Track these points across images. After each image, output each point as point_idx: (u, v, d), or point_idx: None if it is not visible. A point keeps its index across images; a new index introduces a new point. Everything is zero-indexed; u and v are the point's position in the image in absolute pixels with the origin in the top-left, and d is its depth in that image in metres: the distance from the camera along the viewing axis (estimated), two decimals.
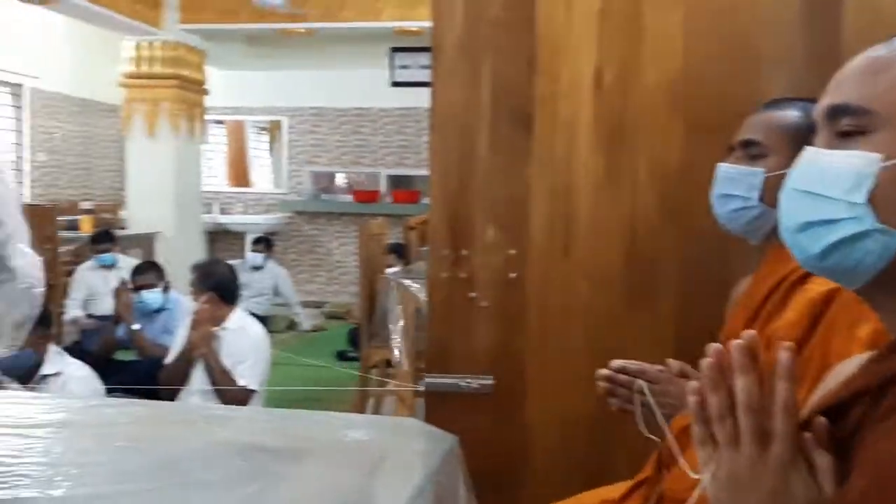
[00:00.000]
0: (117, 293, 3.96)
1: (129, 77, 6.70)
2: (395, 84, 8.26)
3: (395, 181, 8.49)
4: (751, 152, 1.17)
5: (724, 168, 1.19)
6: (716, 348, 0.63)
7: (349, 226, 8.44)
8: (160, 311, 4.13)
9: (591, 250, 1.61)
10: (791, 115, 1.15)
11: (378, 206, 8.26)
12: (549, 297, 1.63)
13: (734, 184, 1.17)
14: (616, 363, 1.18)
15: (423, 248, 4.02)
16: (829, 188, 0.62)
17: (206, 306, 3.02)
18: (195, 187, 7.26)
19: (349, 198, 8.40)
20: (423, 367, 3.67)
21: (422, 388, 3.57)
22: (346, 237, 8.49)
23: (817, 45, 1.52)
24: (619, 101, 1.61)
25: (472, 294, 1.63)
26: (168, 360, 3.09)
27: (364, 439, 0.97)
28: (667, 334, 1.59)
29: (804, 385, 0.87)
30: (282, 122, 8.58)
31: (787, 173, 0.68)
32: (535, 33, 1.63)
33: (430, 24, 5.59)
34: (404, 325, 3.32)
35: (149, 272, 4.15)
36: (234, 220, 8.39)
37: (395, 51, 8.14)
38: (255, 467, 0.87)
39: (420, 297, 3.33)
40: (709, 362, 0.62)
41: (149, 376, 3.27)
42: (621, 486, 1.23)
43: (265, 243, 6.63)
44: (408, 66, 8.25)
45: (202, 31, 6.78)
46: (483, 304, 1.62)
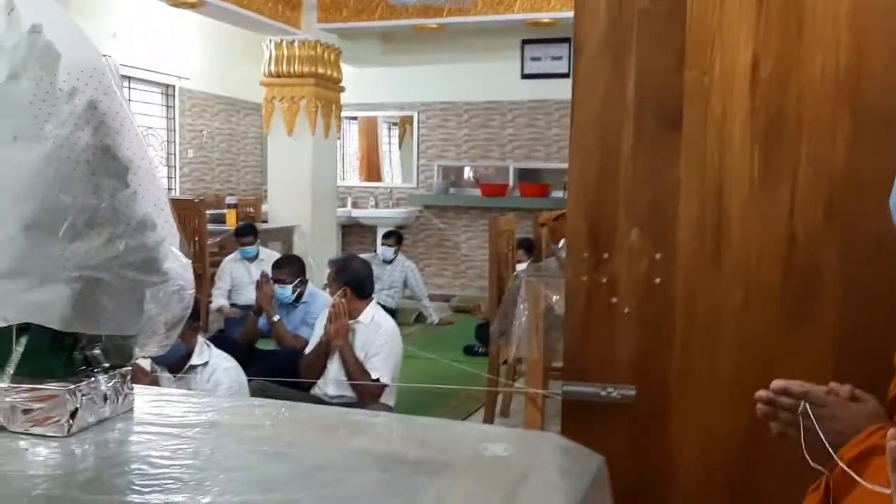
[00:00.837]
0: (259, 286, 4.14)
1: (269, 76, 6.98)
2: (525, 76, 8.19)
3: (524, 174, 8.42)
4: None
5: None
6: None
7: (477, 220, 8.46)
8: (298, 303, 4.28)
9: (745, 256, 1.50)
10: None
11: (506, 199, 8.23)
12: (697, 304, 1.53)
13: None
14: (778, 384, 1.08)
15: (554, 245, 3.95)
16: None
17: (342, 300, 3.09)
18: (331, 182, 7.49)
19: (477, 191, 8.41)
20: (553, 366, 3.60)
21: (552, 392, 3.50)
22: (473, 231, 8.52)
23: None
24: (777, 95, 1.48)
25: (614, 300, 1.55)
26: (306, 351, 3.20)
27: (504, 455, 0.92)
28: (826, 350, 1.46)
29: None
30: (412, 118, 8.70)
31: None
32: (685, 24, 1.53)
33: (562, 15, 5.45)
34: (534, 324, 3.27)
35: (288, 266, 4.30)
36: (366, 214, 8.60)
37: (525, 42, 8.06)
38: (394, 480, 0.85)
39: (551, 295, 3.27)
40: None
41: (288, 366, 3.40)
42: None
43: (395, 237, 6.75)
44: (539, 58, 8.16)
45: (339, 29, 6.97)
46: (625, 310, 1.55)
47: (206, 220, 5.84)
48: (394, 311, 6.25)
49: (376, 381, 2.97)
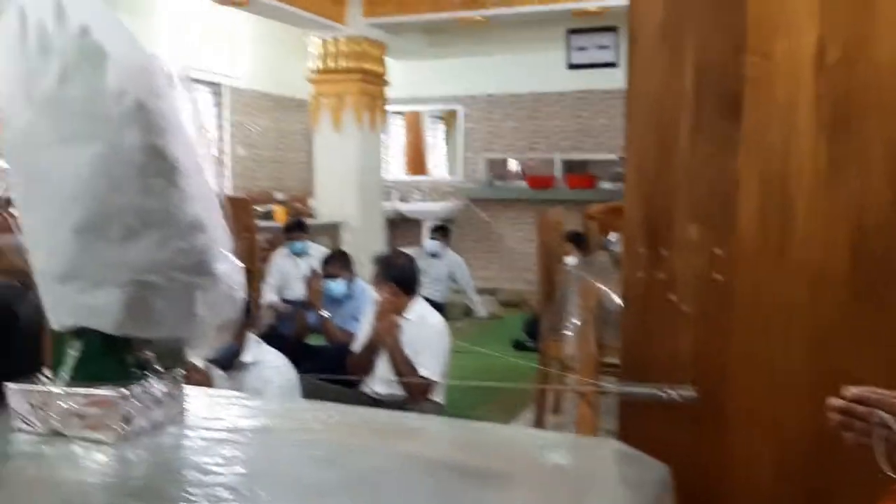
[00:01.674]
0: (308, 281, 4.15)
1: (315, 73, 7.01)
2: (571, 66, 8.08)
3: (570, 166, 8.32)
4: None
5: None
6: None
7: (523, 212, 8.39)
8: (347, 299, 4.29)
9: (811, 249, 1.43)
10: None
11: (553, 191, 8.14)
12: (761, 301, 1.47)
13: None
14: (852, 392, 1.02)
15: (605, 239, 3.87)
16: None
17: (389, 297, 3.08)
18: (377, 177, 7.50)
19: (523, 184, 8.34)
20: (605, 362, 3.53)
21: (607, 386, 3.43)
22: (520, 223, 8.45)
23: None
24: (845, 80, 1.41)
25: (672, 297, 1.50)
26: (355, 348, 3.19)
27: (564, 463, 0.89)
28: None
29: None
30: (457, 111, 8.66)
31: None
32: (746, 8, 1.46)
33: (610, 3, 5.32)
34: (585, 320, 3.21)
35: (337, 262, 4.30)
36: (412, 207, 8.59)
37: (571, 32, 7.95)
38: (448, 490, 0.81)
39: (602, 290, 3.20)
40: None
41: (337, 362, 3.39)
42: None
43: (442, 231, 6.72)
44: (585, 48, 8.04)
45: (384, 24, 6.96)
46: (684, 308, 1.49)
47: (255, 217, 5.89)
48: (441, 306, 6.22)
49: (425, 378, 2.94)
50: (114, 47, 0.90)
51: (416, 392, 2.97)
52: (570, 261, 4.46)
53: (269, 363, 2.62)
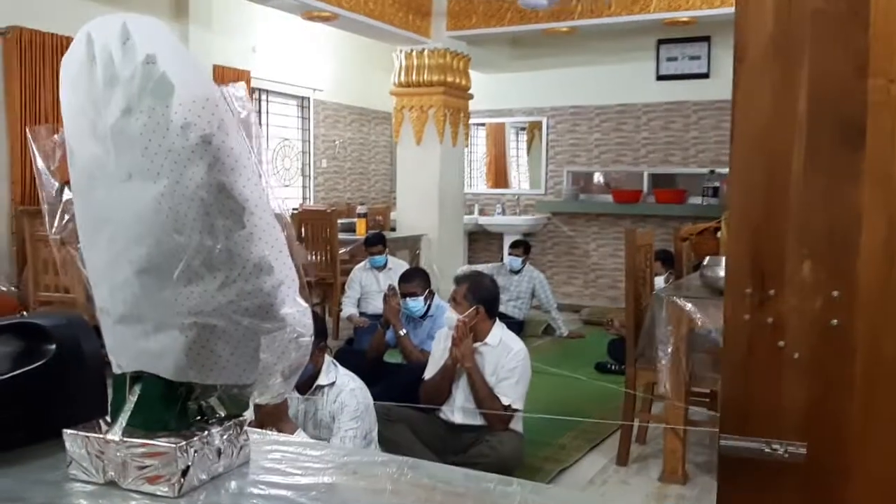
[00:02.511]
0: (386, 299, 4.11)
1: (399, 85, 7.02)
2: (660, 77, 7.85)
3: (659, 180, 8.07)
4: None
5: None
6: None
7: (608, 227, 8.18)
8: (425, 317, 4.22)
9: None
10: None
11: (640, 206, 7.91)
12: (883, 348, 1.31)
13: None
14: None
15: (699, 262, 3.68)
16: None
17: (465, 320, 2.99)
18: (458, 190, 7.45)
19: (609, 197, 8.13)
20: (694, 391, 3.35)
21: (699, 429, 3.25)
22: (604, 239, 8.24)
23: None
24: None
25: (781, 343, 1.35)
26: (427, 375, 3.10)
27: None
28: None
29: None
30: (541, 123, 8.53)
31: None
32: (869, 23, 1.31)
33: (701, 13, 5.13)
34: (676, 347, 3.04)
35: (415, 279, 4.25)
36: (493, 221, 8.50)
37: (661, 42, 7.73)
38: None
39: (695, 316, 3.03)
40: None
41: (415, 381, 3.33)
42: None
43: (523, 246, 6.60)
44: (675, 58, 7.80)
45: (468, 36, 6.92)
46: (794, 355, 1.34)
47: (337, 230, 5.93)
48: (521, 323, 6.10)
49: (507, 406, 2.84)
50: (180, 78, 0.85)
51: (496, 421, 2.87)
52: (660, 282, 4.28)
53: (344, 386, 2.58)
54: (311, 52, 7.81)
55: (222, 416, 0.99)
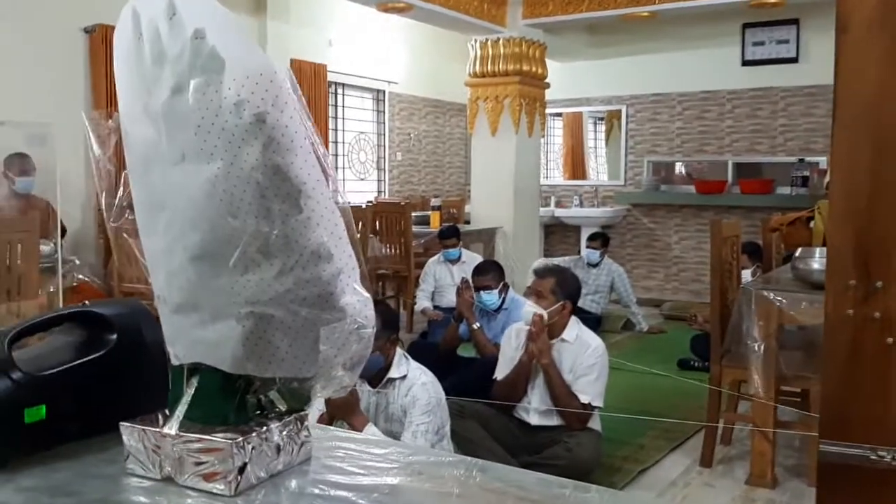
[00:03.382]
0: (459, 292, 4.05)
1: (474, 76, 6.94)
2: (746, 63, 7.53)
3: (744, 169, 7.75)
4: None
5: None
6: None
7: (691, 219, 7.91)
8: (500, 310, 4.15)
9: None
10: None
11: (724, 197, 7.62)
12: None
13: None
14: None
15: (788, 254, 3.48)
16: None
17: (544, 315, 2.89)
18: (534, 182, 7.33)
19: (691, 188, 7.85)
20: (784, 390, 3.17)
21: (790, 431, 3.07)
22: (687, 231, 7.97)
23: None
24: None
25: (889, 339, 1.23)
26: (499, 374, 3.01)
27: None
28: None
29: None
30: (621, 111, 8.31)
31: None
32: None
33: None
34: (765, 344, 2.88)
35: (489, 273, 4.18)
36: (570, 213, 8.34)
37: (747, 26, 7.42)
38: None
39: (786, 311, 2.86)
40: None
41: (488, 376, 3.26)
42: None
43: (602, 239, 6.43)
44: (762, 42, 7.47)
45: (544, 24, 6.78)
46: None
47: (411, 223, 5.91)
48: (599, 319, 5.95)
49: (585, 405, 2.73)
50: (230, 53, 0.80)
51: (573, 420, 2.77)
52: (746, 275, 4.08)
53: (415, 380, 2.53)
54: (387, 45, 7.82)
55: (283, 411, 0.94)
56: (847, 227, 1.26)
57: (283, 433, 0.92)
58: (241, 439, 0.86)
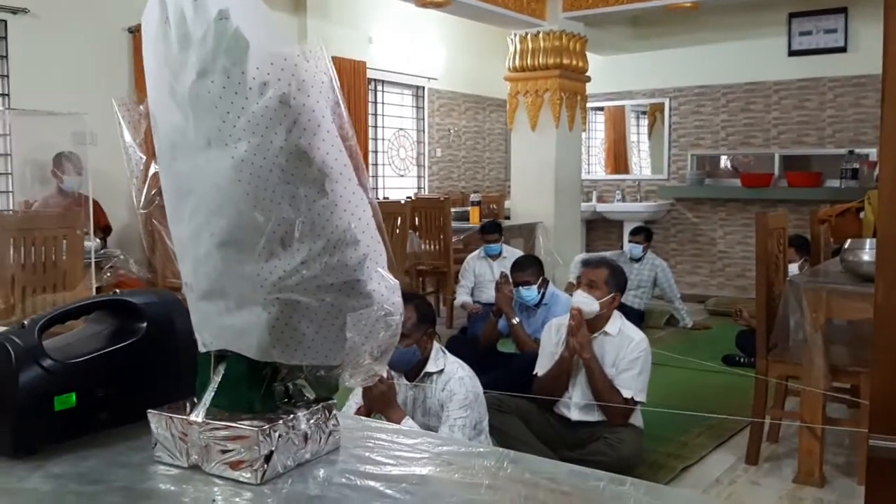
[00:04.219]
0: (498, 287, 4.02)
1: (513, 70, 6.89)
2: (792, 53, 7.35)
3: (791, 162, 7.56)
4: None
5: None
6: None
7: (736, 213, 7.76)
8: (539, 306, 4.11)
9: None
10: None
11: (770, 190, 7.44)
12: None
13: None
14: None
15: (838, 246, 3.37)
16: None
17: (578, 310, 2.85)
18: (575, 176, 7.25)
19: (736, 182, 7.69)
20: (833, 386, 3.08)
21: (832, 416, 2.98)
22: (732, 225, 7.82)
23: None
24: None
25: None
26: (539, 370, 2.97)
27: None
28: None
29: None
30: (664, 104, 8.18)
31: None
32: None
33: None
34: (812, 339, 2.79)
35: (528, 268, 4.14)
36: (612, 208, 8.24)
37: (793, 16, 7.24)
38: None
39: (835, 306, 2.77)
40: None
41: (528, 371, 3.23)
42: None
43: (645, 234, 6.34)
44: (809, 32, 7.28)
45: (585, 17, 6.70)
46: None
47: (450, 218, 5.89)
48: (641, 314, 5.87)
49: (628, 399, 2.68)
50: (255, 35, 0.78)
51: (615, 415, 2.73)
52: (793, 269, 3.98)
53: (453, 374, 2.51)
54: (426, 41, 7.81)
55: (311, 399, 0.93)
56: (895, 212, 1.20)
57: (311, 422, 0.91)
58: (267, 427, 0.85)
